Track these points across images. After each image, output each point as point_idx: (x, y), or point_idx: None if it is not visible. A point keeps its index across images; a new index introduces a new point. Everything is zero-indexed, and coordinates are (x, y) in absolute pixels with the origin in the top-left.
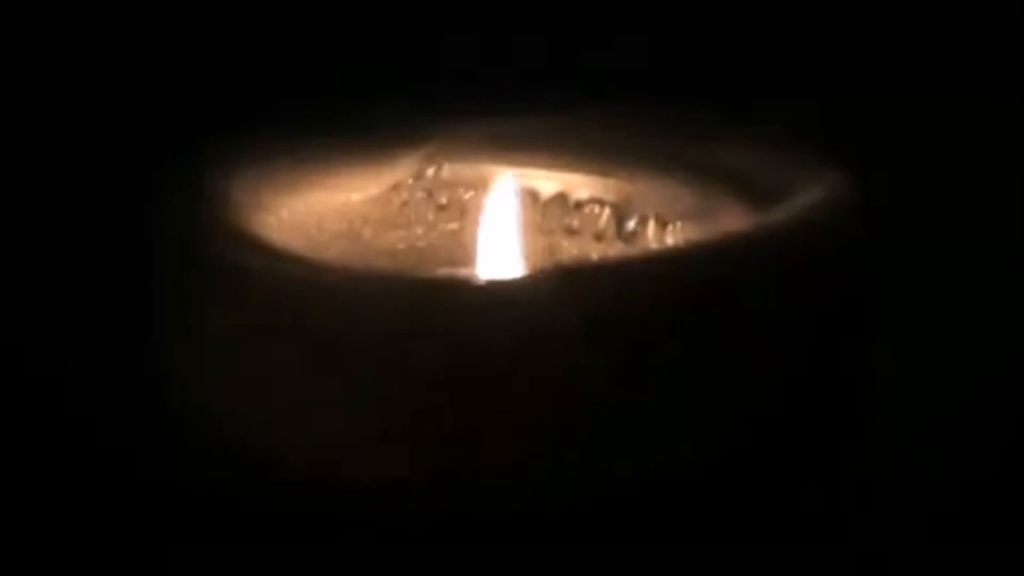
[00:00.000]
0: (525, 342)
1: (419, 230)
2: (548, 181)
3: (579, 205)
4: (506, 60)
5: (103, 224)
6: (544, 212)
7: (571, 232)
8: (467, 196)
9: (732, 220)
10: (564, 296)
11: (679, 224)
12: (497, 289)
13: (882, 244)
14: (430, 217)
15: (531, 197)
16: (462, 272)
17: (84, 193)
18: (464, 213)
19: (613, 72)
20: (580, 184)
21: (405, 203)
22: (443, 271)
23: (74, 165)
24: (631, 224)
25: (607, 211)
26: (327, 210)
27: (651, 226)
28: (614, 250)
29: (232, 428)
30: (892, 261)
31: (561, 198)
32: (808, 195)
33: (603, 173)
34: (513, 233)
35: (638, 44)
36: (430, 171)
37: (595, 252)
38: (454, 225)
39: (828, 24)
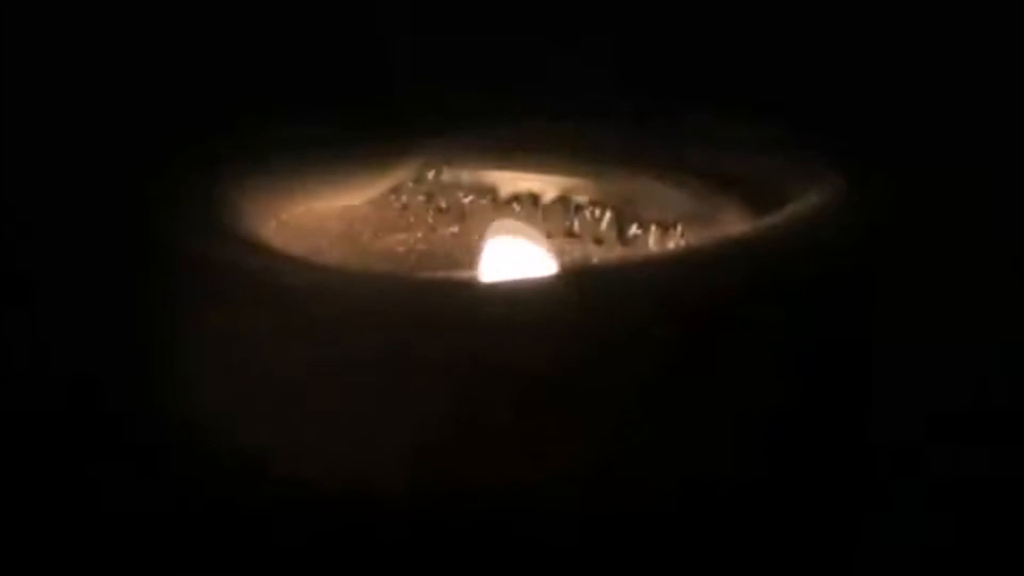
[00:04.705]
0: (524, 345)
1: (419, 233)
2: (549, 185)
3: (580, 209)
4: (506, 63)
5: (103, 225)
6: (545, 216)
7: (572, 236)
8: (467, 200)
9: (733, 224)
10: (564, 300)
11: (680, 228)
12: (497, 292)
13: (883, 245)
14: (430, 220)
15: (532, 201)
16: (461, 275)
17: (84, 195)
18: (464, 217)
19: (612, 75)
20: (581, 188)
21: (405, 206)
22: (443, 274)
23: (74, 167)
24: (632, 228)
25: (608, 215)
26: (327, 213)
27: (652, 230)
28: (615, 254)
29: (231, 429)
30: (892, 261)
31: (562, 202)
32: (809, 198)
33: (604, 177)
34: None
35: (637, 47)
36: (430, 175)
37: (596, 256)
38: (454, 228)
39: (828, 24)
